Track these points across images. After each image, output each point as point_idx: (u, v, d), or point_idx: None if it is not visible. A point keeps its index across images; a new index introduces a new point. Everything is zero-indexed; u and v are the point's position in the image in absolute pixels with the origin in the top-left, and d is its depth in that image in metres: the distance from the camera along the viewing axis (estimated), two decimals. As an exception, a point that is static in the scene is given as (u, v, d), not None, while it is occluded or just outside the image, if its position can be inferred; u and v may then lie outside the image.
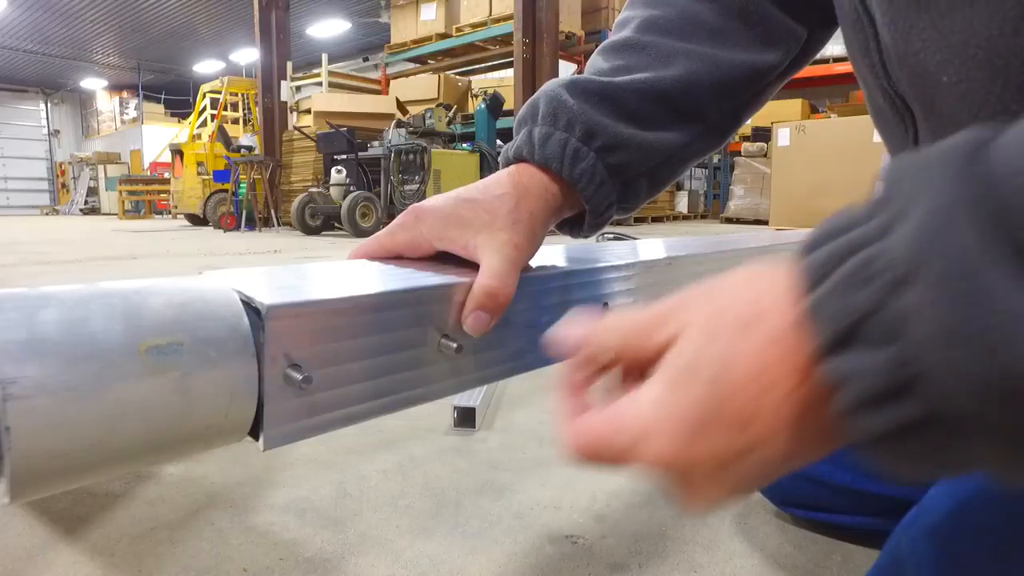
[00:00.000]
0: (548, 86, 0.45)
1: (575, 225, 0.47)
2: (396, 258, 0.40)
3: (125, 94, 17.90)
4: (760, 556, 0.62)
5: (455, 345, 0.35)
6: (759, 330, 0.21)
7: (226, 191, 7.06)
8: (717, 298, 0.23)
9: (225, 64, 15.81)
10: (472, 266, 0.37)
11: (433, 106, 6.06)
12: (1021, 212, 0.16)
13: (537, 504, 0.71)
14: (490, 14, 6.60)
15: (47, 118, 19.23)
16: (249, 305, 0.29)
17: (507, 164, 0.44)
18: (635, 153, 0.44)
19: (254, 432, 0.30)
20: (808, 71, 7.36)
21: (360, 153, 5.58)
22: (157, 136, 15.26)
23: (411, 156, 5.22)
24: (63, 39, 14.05)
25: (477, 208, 0.38)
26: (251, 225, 6.70)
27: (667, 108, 0.45)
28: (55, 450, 0.24)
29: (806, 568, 0.60)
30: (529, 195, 0.40)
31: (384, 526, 0.66)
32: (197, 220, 8.13)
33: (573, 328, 0.26)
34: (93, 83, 17.79)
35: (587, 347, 0.25)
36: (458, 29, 6.94)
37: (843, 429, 0.20)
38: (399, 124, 5.54)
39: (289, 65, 7.26)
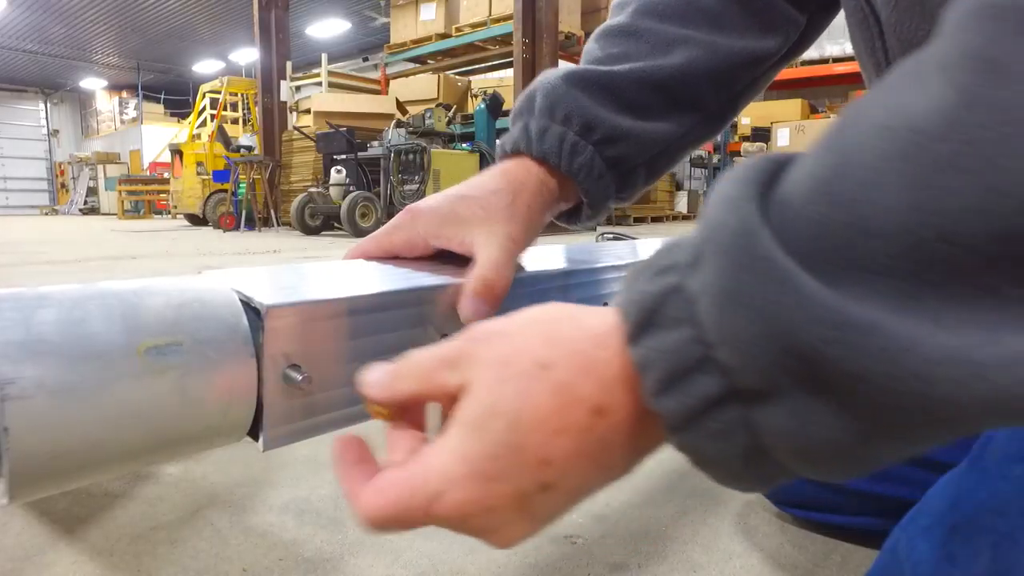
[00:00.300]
0: (544, 77, 0.44)
1: (572, 216, 0.47)
2: (393, 258, 0.40)
3: (125, 94, 17.89)
4: (759, 556, 0.62)
5: (455, 345, 0.35)
6: (558, 366, 0.21)
7: (226, 191, 7.06)
8: (508, 339, 0.23)
9: (225, 64, 15.80)
10: (471, 264, 0.37)
11: (433, 106, 6.06)
12: (794, 199, 0.18)
13: (537, 504, 0.71)
14: (490, 14, 6.60)
15: (46, 118, 19.22)
16: (248, 305, 0.29)
17: (503, 157, 0.44)
18: (633, 145, 0.43)
19: (253, 432, 0.30)
20: (808, 71, 7.39)
21: (360, 153, 5.57)
22: (157, 136, 15.25)
23: (411, 156, 5.22)
24: (63, 39, 14.05)
25: (473, 204, 0.38)
26: (251, 225, 6.69)
27: (665, 97, 0.44)
28: (54, 450, 0.24)
29: (805, 568, 0.60)
30: (525, 190, 0.40)
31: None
32: (197, 220, 8.13)
33: (372, 381, 0.26)
34: (93, 83, 17.78)
35: (386, 399, 0.25)
36: (458, 29, 6.93)
37: (655, 430, 0.20)
38: (399, 124, 5.54)
39: (289, 65, 7.26)
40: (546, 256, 0.48)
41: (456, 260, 0.39)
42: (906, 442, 0.17)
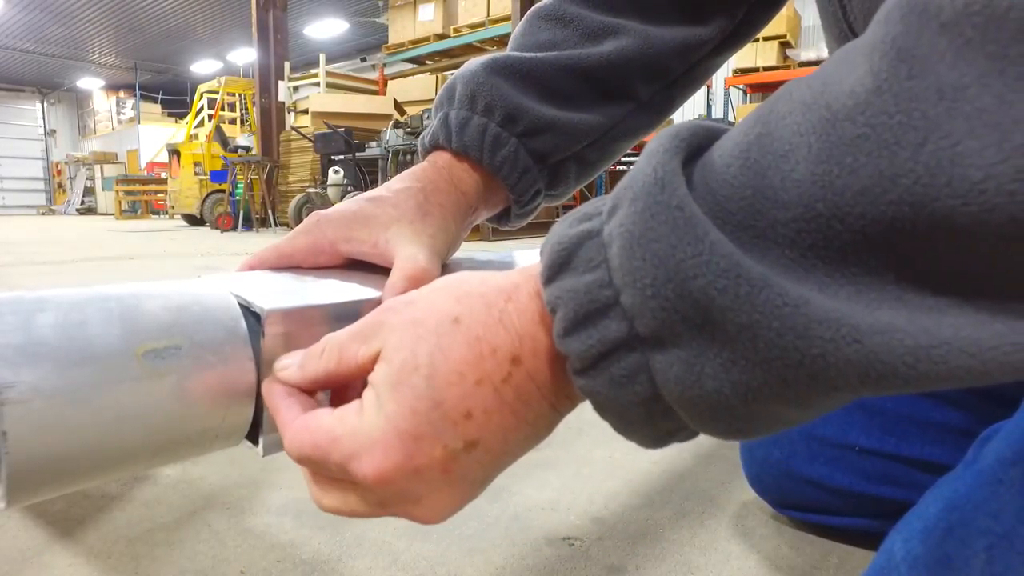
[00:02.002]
0: (466, 66, 0.42)
1: (503, 215, 0.45)
2: (294, 267, 0.36)
3: (122, 94, 17.85)
4: (757, 558, 0.62)
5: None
6: (469, 320, 0.22)
7: (223, 191, 7.05)
8: (416, 304, 0.23)
9: (223, 64, 15.77)
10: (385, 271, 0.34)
11: (430, 106, 6.06)
12: (716, 162, 0.19)
13: (534, 506, 0.71)
14: (488, 15, 6.59)
15: (43, 118, 19.18)
16: (247, 309, 0.29)
17: (424, 153, 0.42)
18: (560, 137, 0.41)
19: (252, 436, 0.30)
20: (802, 73, 7.39)
21: (358, 153, 5.57)
22: (154, 136, 15.23)
23: (409, 157, 5.22)
24: (60, 39, 14.01)
25: (384, 204, 0.36)
26: (248, 225, 6.69)
27: (594, 87, 0.43)
28: (52, 454, 0.24)
29: (803, 569, 0.60)
30: (437, 189, 0.38)
31: (381, 528, 0.66)
32: (194, 220, 8.11)
33: (287, 363, 0.26)
34: (90, 83, 17.74)
35: (299, 381, 0.25)
36: (456, 30, 6.93)
37: (567, 380, 0.21)
38: (397, 125, 5.53)
39: (287, 65, 7.25)
40: (531, 258, 0.48)
41: (368, 268, 0.36)
42: (787, 404, 0.18)
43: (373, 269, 0.36)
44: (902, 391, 0.17)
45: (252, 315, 0.29)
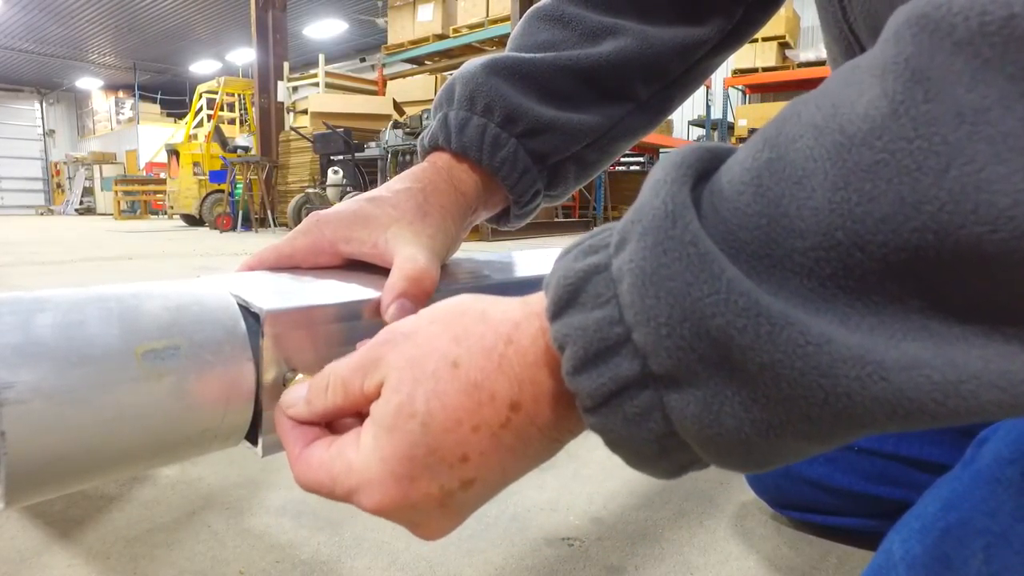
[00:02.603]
0: (465, 66, 0.42)
1: (502, 216, 0.45)
2: (294, 268, 0.36)
3: (121, 94, 17.84)
4: (756, 558, 0.62)
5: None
6: (467, 364, 0.21)
7: (222, 191, 7.05)
8: (416, 339, 0.23)
9: (222, 64, 15.77)
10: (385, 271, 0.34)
11: (430, 107, 6.05)
12: (725, 189, 0.18)
13: (534, 506, 0.71)
14: (487, 15, 6.60)
15: (42, 118, 19.16)
16: (247, 309, 0.29)
17: (424, 154, 0.42)
18: (559, 137, 0.41)
19: (252, 437, 0.30)
20: (805, 73, 7.40)
21: (357, 154, 5.57)
22: (153, 136, 15.22)
23: (408, 157, 5.22)
24: (59, 39, 14.00)
25: (383, 204, 0.35)
26: (247, 226, 6.68)
27: (593, 88, 0.43)
28: (51, 454, 0.24)
29: (802, 570, 0.60)
30: (437, 190, 0.38)
31: (381, 528, 0.66)
32: (193, 220, 8.11)
33: (295, 400, 0.26)
34: (89, 83, 17.73)
35: (308, 417, 0.26)
36: (455, 30, 6.93)
37: (574, 412, 0.20)
38: (396, 125, 5.53)
39: (286, 65, 7.25)
40: (535, 259, 0.48)
41: (367, 269, 0.36)
42: (809, 440, 0.18)
43: (372, 269, 0.36)
44: (931, 426, 0.16)
45: (251, 315, 0.29)
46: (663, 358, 0.18)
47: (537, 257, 0.50)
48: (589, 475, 0.79)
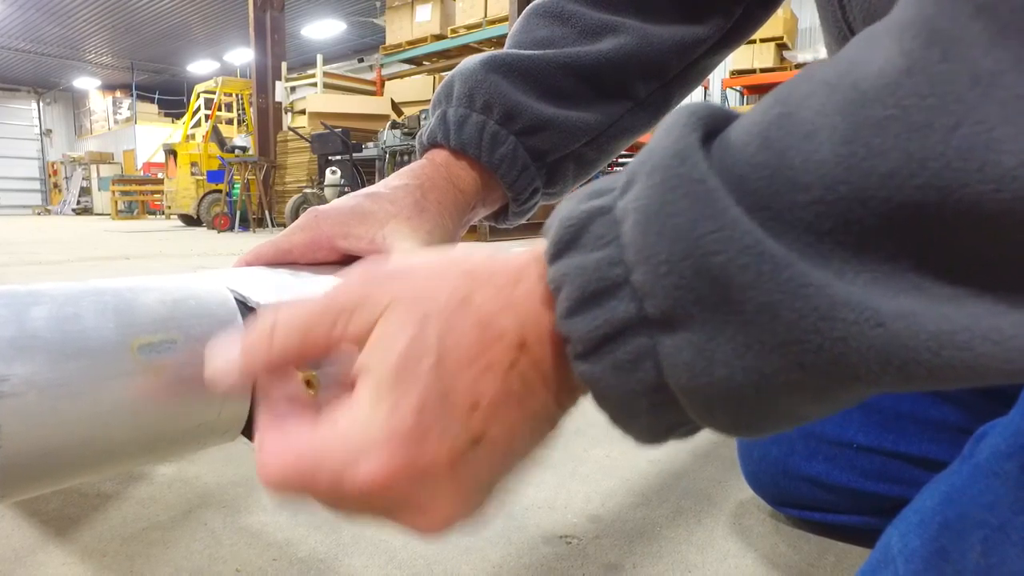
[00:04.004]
0: (464, 63, 0.42)
1: (500, 213, 0.45)
2: (291, 263, 0.36)
3: (119, 94, 17.80)
4: (754, 556, 0.62)
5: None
6: (480, 299, 0.20)
7: (220, 192, 7.03)
8: (421, 274, 0.20)
9: (220, 64, 15.75)
10: None
11: (428, 107, 6.05)
12: (734, 140, 0.18)
13: (531, 504, 0.71)
14: (485, 16, 6.60)
15: (39, 117, 19.12)
16: (243, 304, 0.29)
17: (423, 151, 0.42)
18: (558, 134, 0.41)
19: (248, 432, 0.30)
20: (802, 74, 7.43)
21: (355, 154, 5.56)
22: (151, 136, 15.19)
23: (406, 157, 5.22)
24: (56, 38, 13.97)
25: (381, 200, 0.35)
26: (245, 226, 6.67)
27: (592, 85, 0.42)
28: (46, 448, 0.24)
29: (800, 567, 0.60)
30: (435, 186, 0.38)
31: (378, 527, 0.66)
32: (191, 221, 8.09)
33: (229, 345, 0.22)
34: (86, 83, 17.69)
35: (256, 359, 0.21)
36: (453, 31, 6.93)
37: (567, 365, 0.19)
38: (394, 125, 5.53)
39: (284, 66, 7.24)
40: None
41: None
42: (802, 394, 0.17)
43: None
44: (927, 384, 0.16)
45: (248, 310, 0.29)
46: (660, 299, 0.17)
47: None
48: (587, 473, 0.79)
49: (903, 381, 0.16)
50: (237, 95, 9.26)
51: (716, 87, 8.38)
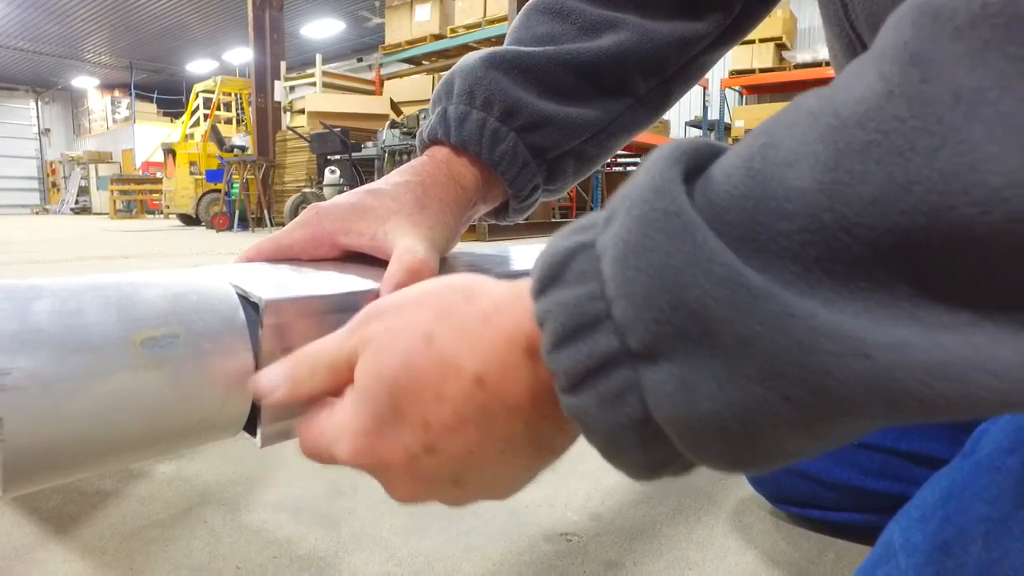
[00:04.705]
0: (464, 60, 0.42)
1: (501, 210, 0.45)
2: (293, 259, 0.36)
3: (117, 93, 17.78)
4: (754, 553, 0.62)
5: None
6: (441, 339, 0.22)
7: (219, 191, 7.03)
8: (400, 313, 0.24)
9: (218, 64, 15.73)
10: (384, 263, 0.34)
11: (427, 107, 6.04)
12: (716, 173, 0.18)
13: (531, 502, 0.71)
14: (484, 15, 6.60)
15: (38, 116, 19.09)
16: (245, 299, 0.29)
17: (423, 148, 0.42)
18: (559, 131, 0.41)
19: (250, 428, 0.30)
20: (802, 74, 7.43)
21: (354, 153, 5.56)
22: (149, 135, 15.18)
23: (405, 157, 5.22)
24: (54, 37, 13.95)
25: (382, 197, 0.36)
26: (244, 225, 6.67)
27: (592, 82, 0.42)
28: (48, 442, 0.24)
29: (800, 565, 0.60)
30: (436, 183, 0.38)
31: (378, 524, 0.66)
32: (189, 220, 8.09)
33: (272, 372, 0.27)
34: (85, 82, 17.67)
35: (291, 387, 0.26)
36: (452, 30, 6.93)
37: (544, 398, 0.21)
38: (393, 125, 5.52)
39: (283, 65, 7.24)
40: (533, 255, 0.48)
41: (366, 261, 0.36)
42: (791, 429, 0.17)
43: (371, 262, 0.35)
44: (921, 416, 0.15)
45: (250, 305, 0.29)
46: (640, 332, 0.17)
47: (535, 252, 0.50)
48: (587, 471, 0.79)
49: (894, 414, 0.16)
50: (236, 94, 9.25)
51: (715, 87, 8.39)
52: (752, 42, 7.46)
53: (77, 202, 15.52)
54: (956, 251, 0.15)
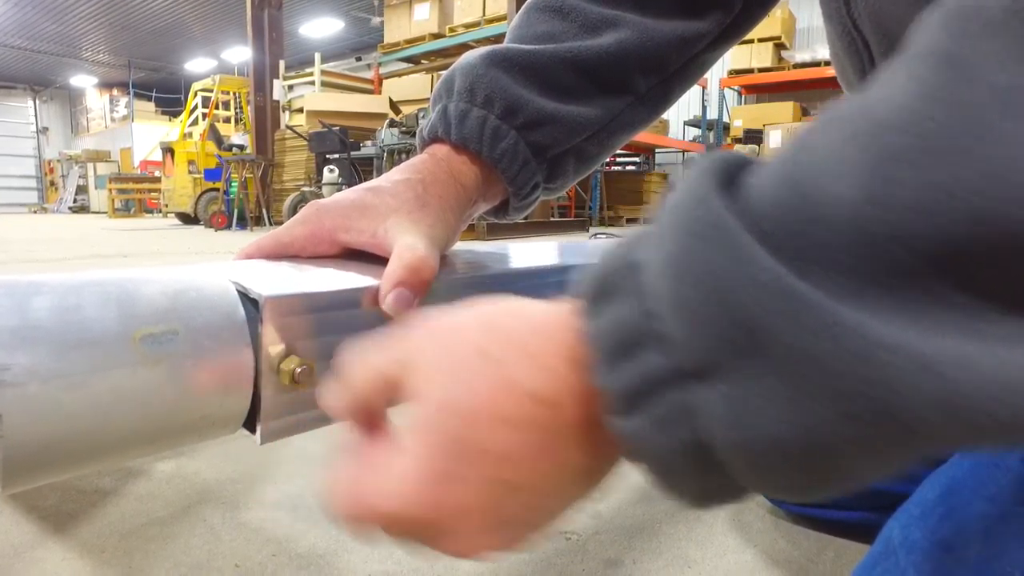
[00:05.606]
0: (465, 57, 0.41)
1: (501, 208, 0.45)
2: (292, 257, 0.36)
3: (116, 92, 17.74)
4: (753, 551, 0.62)
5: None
6: (494, 358, 0.20)
7: (217, 190, 7.02)
8: (450, 331, 0.22)
9: (217, 62, 15.71)
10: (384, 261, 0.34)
11: (426, 106, 6.04)
12: (755, 182, 0.18)
13: (531, 501, 0.71)
14: (483, 14, 6.59)
15: (35, 115, 19.05)
16: (245, 296, 0.29)
17: (423, 145, 0.42)
18: (559, 129, 0.41)
19: (250, 425, 0.30)
20: (800, 74, 7.43)
21: (353, 152, 5.56)
22: (148, 134, 15.14)
23: (404, 156, 5.21)
24: (53, 35, 13.92)
25: (382, 194, 0.35)
26: (242, 224, 6.66)
27: (593, 80, 0.42)
28: (48, 438, 0.23)
29: (799, 563, 0.61)
30: (436, 180, 0.38)
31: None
32: (188, 219, 8.07)
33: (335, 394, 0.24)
34: (83, 80, 17.63)
35: (343, 412, 0.23)
36: (451, 29, 6.93)
37: (598, 420, 0.19)
38: (392, 124, 5.51)
39: (282, 64, 7.23)
40: (542, 252, 0.48)
41: (366, 258, 0.35)
42: (855, 449, 0.15)
43: (371, 259, 0.35)
44: (995, 438, 0.14)
45: (250, 302, 0.29)
46: (687, 346, 0.17)
47: (536, 249, 0.50)
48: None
49: (968, 434, 0.15)
50: (235, 93, 9.23)
51: (714, 87, 8.39)
52: (751, 41, 7.45)
53: (75, 201, 15.49)
54: (1009, 257, 0.14)
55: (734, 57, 7.75)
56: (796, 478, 0.16)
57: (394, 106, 6.74)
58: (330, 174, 5.47)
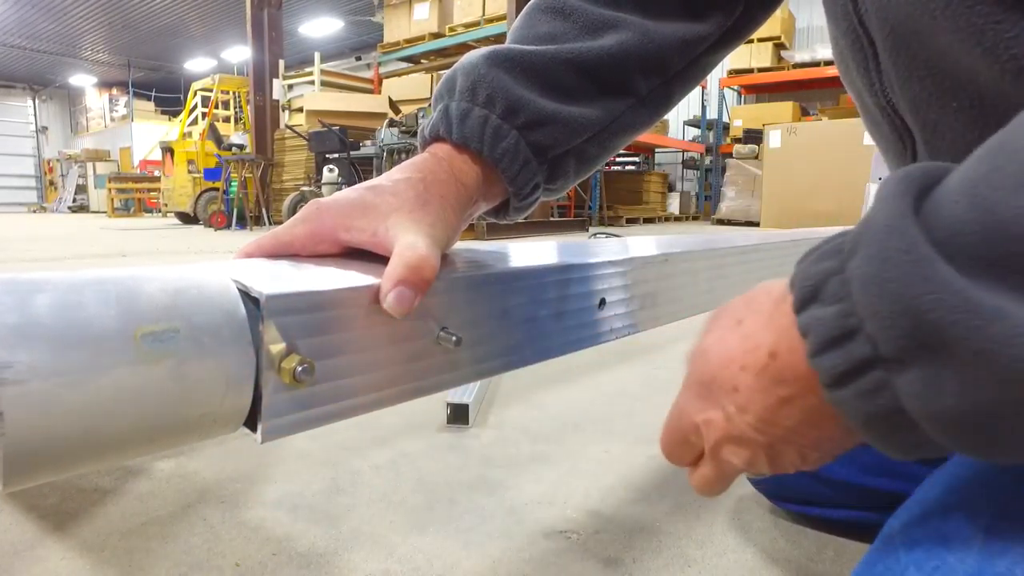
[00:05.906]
0: (467, 57, 0.41)
1: (501, 208, 0.45)
2: (293, 255, 0.36)
3: (115, 91, 17.73)
4: (753, 550, 0.62)
5: (454, 338, 0.34)
6: (749, 322, 0.28)
7: (217, 189, 7.02)
8: (726, 307, 0.31)
9: (217, 62, 15.70)
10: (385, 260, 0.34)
11: (426, 105, 6.05)
12: (943, 199, 0.21)
13: (531, 500, 0.71)
14: (483, 14, 6.59)
15: (35, 115, 19.04)
16: (246, 294, 0.29)
17: (424, 144, 0.41)
18: (560, 130, 0.41)
19: (251, 423, 0.30)
20: (800, 74, 7.43)
21: (352, 152, 5.56)
22: (147, 134, 15.14)
23: (403, 155, 5.21)
24: (52, 35, 13.91)
25: (383, 193, 0.35)
26: (242, 224, 6.66)
27: (594, 81, 0.42)
28: (49, 436, 0.23)
29: (799, 562, 0.61)
30: (437, 180, 0.37)
31: (377, 521, 0.66)
32: (187, 219, 8.07)
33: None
34: (82, 80, 17.62)
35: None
36: (451, 29, 6.93)
37: (816, 390, 0.24)
38: (392, 123, 5.51)
39: (281, 63, 7.23)
40: (542, 251, 0.48)
41: (367, 257, 0.35)
42: (1013, 418, 0.19)
43: (372, 258, 0.35)
44: None
45: (251, 300, 0.29)
46: (889, 345, 0.21)
47: (536, 249, 0.50)
48: (586, 470, 0.79)
49: None
50: (234, 93, 9.22)
51: (714, 87, 8.39)
52: (751, 42, 7.46)
53: (75, 200, 15.48)
54: None
55: (734, 57, 7.75)
56: (979, 438, 0.21)
57: (394, 106, 6.74)
58: (330, 174, 5.46)
